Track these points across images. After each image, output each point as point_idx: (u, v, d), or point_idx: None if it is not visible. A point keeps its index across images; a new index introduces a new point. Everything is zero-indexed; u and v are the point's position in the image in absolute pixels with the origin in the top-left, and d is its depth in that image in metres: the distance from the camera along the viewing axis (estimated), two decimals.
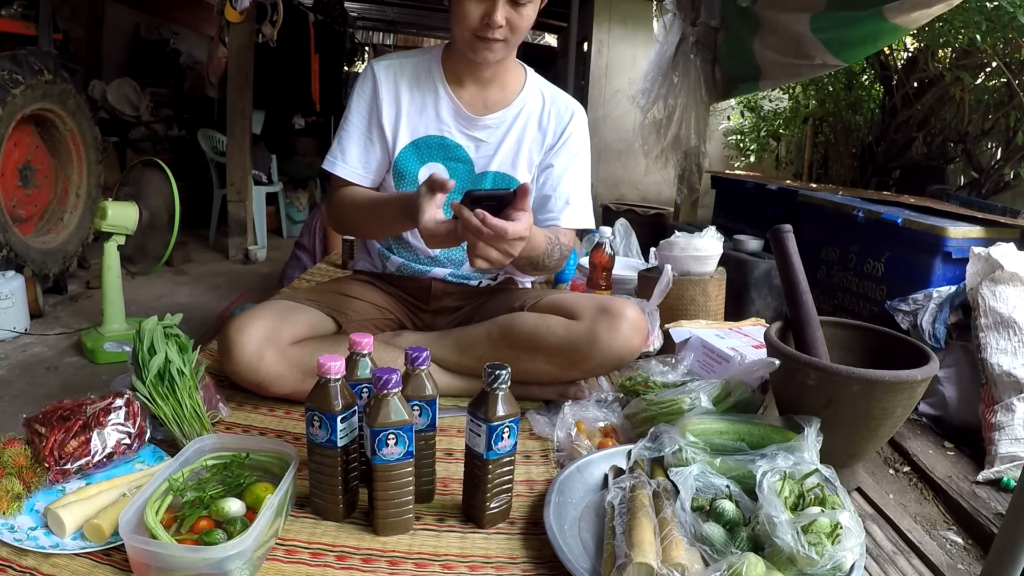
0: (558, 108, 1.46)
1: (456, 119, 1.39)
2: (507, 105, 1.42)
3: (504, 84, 1.42)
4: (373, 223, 1.35)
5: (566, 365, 1.30)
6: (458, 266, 1.48)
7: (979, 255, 1.75)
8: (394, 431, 0.86)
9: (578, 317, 1.30)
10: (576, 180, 1.46)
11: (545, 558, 0.90)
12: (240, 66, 3.86)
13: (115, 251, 2.35)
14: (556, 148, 1.45)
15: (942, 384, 1.78)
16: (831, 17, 2.52)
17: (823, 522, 0.81)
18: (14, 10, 2.96)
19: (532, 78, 1.47)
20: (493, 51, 1.27)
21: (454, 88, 1.39)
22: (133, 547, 0.76)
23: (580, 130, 1.47)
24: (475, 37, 1.25)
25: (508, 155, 1.43)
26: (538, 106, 1.45)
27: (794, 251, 1.24)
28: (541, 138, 1.45)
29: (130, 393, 1.05)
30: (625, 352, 1.29)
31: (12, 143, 2.78)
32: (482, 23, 1.22)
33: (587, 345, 1.27)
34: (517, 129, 1.42)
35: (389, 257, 1.48)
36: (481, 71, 1.37)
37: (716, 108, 3.92)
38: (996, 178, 3.30)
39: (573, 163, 1.46)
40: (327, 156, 1.40)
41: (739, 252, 2.31)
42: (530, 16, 1.25)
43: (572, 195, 1.44)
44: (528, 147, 1.44)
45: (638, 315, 1.31)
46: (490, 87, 1.41)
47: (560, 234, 1.37)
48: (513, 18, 1.23)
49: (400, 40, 10.76)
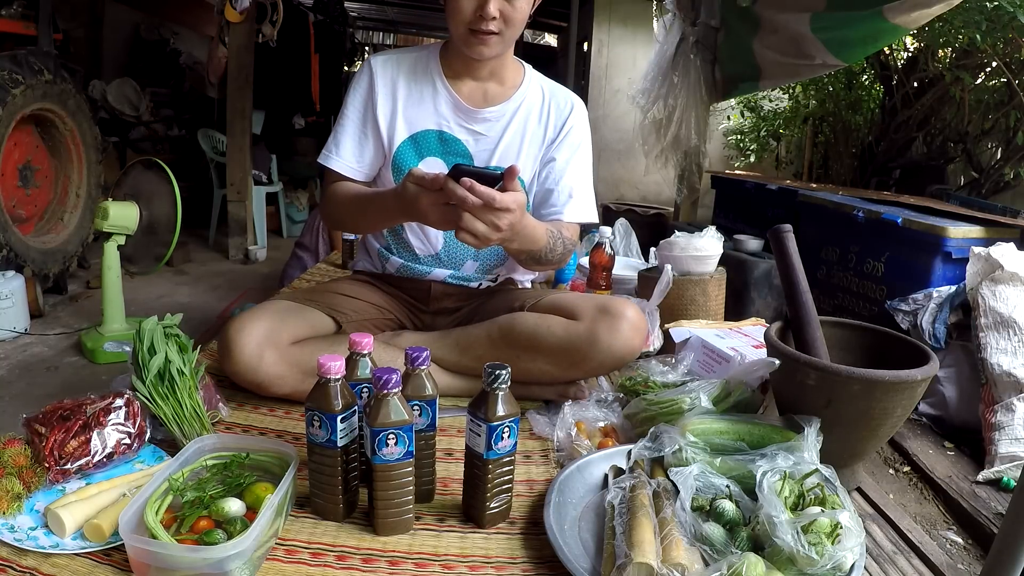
0: (558, 102, 1.46)
1: (455, 113, 1.40)
2: (506, 99, 1.42)
3: (503, 79, 1.42)
4: (365, 214, 1.33)
5: (566, 365, 1.30)
6: (458, 267, 1.47)
7: (979, 255, 1.75)
8: (394, 431, 0.86)
9: (578, 317, 1.30)
10: (578, 174, 1.46)
11: (545, 558, 0.90)
12: (240, 66, 3.86)
13: (115, 251, 2.35)
14: (557, 142, 1.45)
15: (942, 384, 1.78)
16: (831, 17, 2.52)
17: (823, 522, 0.81)
18: (14, 10, 2.96)
19: (531, 74, 1.47)
20: (488, 45, 1.27)
21: (452, 83, 1.39)
22: (133, 547, 0.76)
23: (581, 123, 1.47)
24: (469, 31, 1.26)
25: (508, 149, 1.43)
26: (538, 100, 1.45)
27: (794, 251, 1.24)
28: (542, 132, 1.45)
29: (130, 393, 1.05)
30: (625, 352, 1.29)
31: (12, 143, 2.78)
32: (476, 16, 1.23)
33: (587, 345, 1.27)
34: (517, 123, 1.42)
35: (389, 258, 1.48)
36: (478, 67, 1.38)
37: (716, 108, 3.92)
38: (996, 178, 3.30)
39: (575, 156, 1.46)
40: (323, 150, 1.41)
41: (739, 252, 2.31)
42: (523, 8, 1.26)
43: (575, 188, 1.44)
44: (529, 141, 1.44)
45: (638, 315, 1.31)
46: (488, 82, 1.41)
47: (562, 228, 1.37)
48: (506, 10, 1.24)
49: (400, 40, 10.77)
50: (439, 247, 1.45)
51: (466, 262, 1.47)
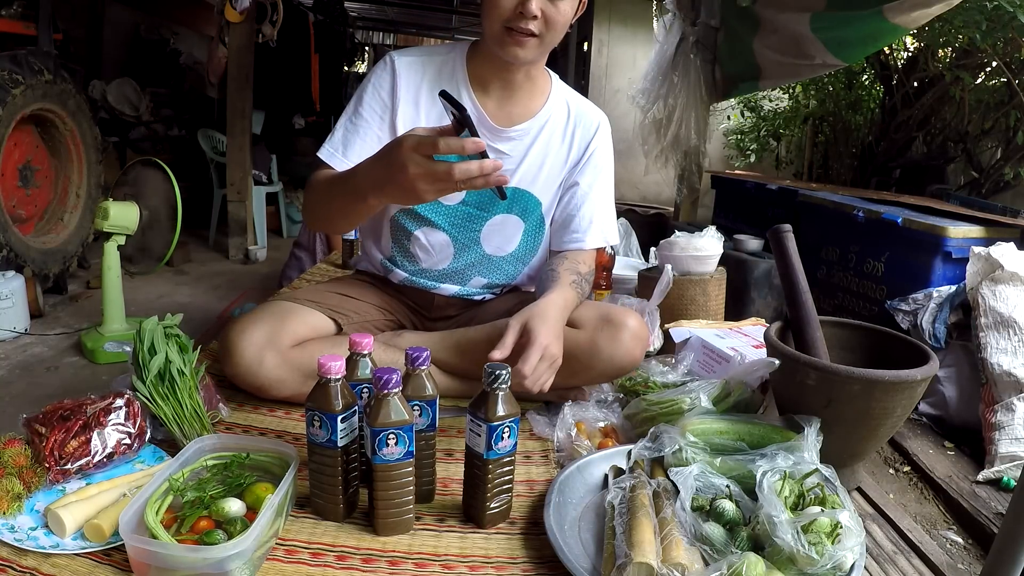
0: (584, 122, 1.41)
1: (479, 130, 1.34)
2: (532, 116, 1.36)
3: (532, 92, 1.36)
4: (331, 195, 1.17)
5: (566, 374, 1.25)
6: (466, 283, 1.45)
7: (979, 255, 1.75)
8: (394, 431, 0.86)
9: (579, 326, 1.29)
10: (601, 198, 1.43)
11: (545, 558, 0.90)
12: (240, 66, 3.85)
13: (115, 251, 2.35)
14: (581, 164, 1.41)
15: (942, 384, 1.78)
16: (831, 17, 2.52)
17: (823, 522, 0.81)
18: (14, 10, 2.96)
19: (557, 86, 1.41)
20: (524, 47, 1.21)
21: (479, 95, 1.33)
22: (133, 547, 0.76)
23: (606, 143, 1.44)
24: (506, 30, 1.19)
25: (529, 170, 1.38)
26: (563, 118, 1.40)
27: (794, 251, 1.24)
28: (565, 152, 1.40)
29: (130, 393, 1.05)
30: (627, 363, 1.29)
31: (12, 143, 2.78)
32: (515, 12, 1.16)
33: (588, 355, 1.26)
34: (540, 142, 1.37)
35: (392, 270, 1.45)
36: (511, 73, 1.30)
37: (716, 108, 3.92)
38: (996, 178, 3.30)
39: (598, 180, 1.42)
40: (325, 145, 1.29)
41: (739, 252, 2.31)
42: (567, 12, 1.20)
43: (597, 213, 1.41)
44: (551, 163, 1.39)
45: (640, 325, 1.30)
46: (517, 93, 1.34)
47: (580, 263, 1.35)
48: (549, 11, 1.17)
49: (400, 40, 10.76)
50: (447, 263, 1.42)
51: (474, 278, 1.45)
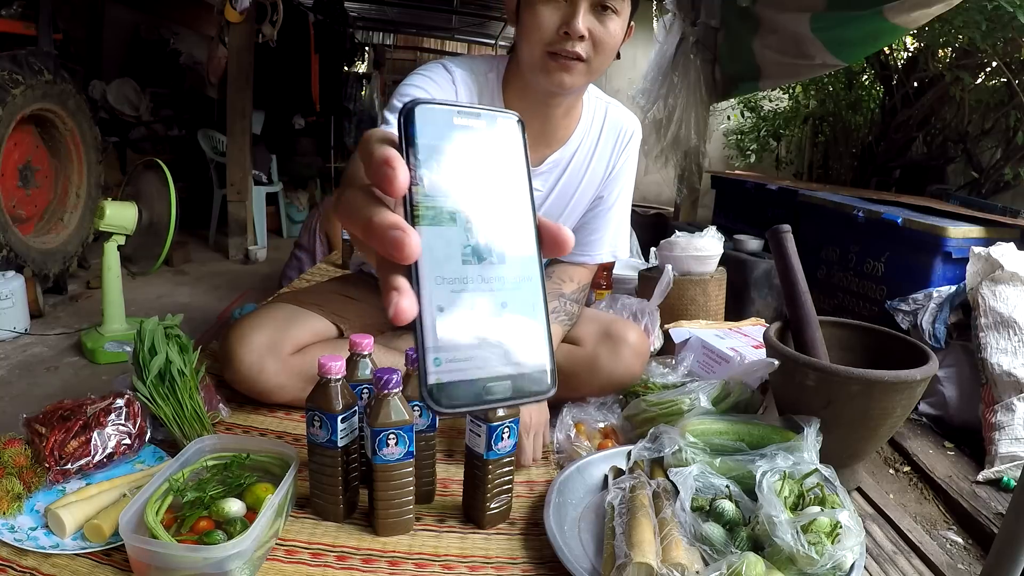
0: (617, 133, 1.30)
1: None
2: (564, 143, 1.24)
3: (568, 123, 1.23)
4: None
5: (565, 389, 1.25)
6: None
7: (979, 255, 1.75)
8: (394, 431, 0.86)
9: (580, 343, 1.29)
10: (620, 211, 1.37)
11: (545, 558, 0.90)
12: (240, 66, 3.85)
13: (115, 251, 2.35)
14: (611, 176, 1.33)
15: (942, 384, 1.78)
16: (831, 17, 2.52)
17: (823, 521, 0.81)
18: (14, 10, 2.96)
19: (589, 101, 1.27)
20: (571, 72, 1.06)
21: None
22: (133, 547, 0.76)
23: (634, 154, 1.35)
24: (548, 56, 1.05)
25: (557, 203, 1.30)
26: (595, 135, 1.28)
27: (793, 251, 1.24)
28: (596, 173, 1.31)
29: (130, 393, 1.05)
30: (626, 378, 1.29)
31: (12, 143, 2.77)
32: (559, 34, 1.03)
33: (588, 372, 1.27)
34: (572, 171, 1.28)
35: None
36: (550, 108, 1.16)
37: (716, 108, 3.92)
38: (996, 178, 3.30)
39: (622, 194, 1.36)
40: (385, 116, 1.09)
41: (739, 252, 2.30)
42: (616, 33, 1.06)
43: (611, 228, 1.37)
44: (583, 188, 1.31)
45: (640, 339, 1.30)
46: (553, 128, 1.20)
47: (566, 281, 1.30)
48: (597, 31, 1.04)
49: (400, 40, 10.74)
50: None
51: None
